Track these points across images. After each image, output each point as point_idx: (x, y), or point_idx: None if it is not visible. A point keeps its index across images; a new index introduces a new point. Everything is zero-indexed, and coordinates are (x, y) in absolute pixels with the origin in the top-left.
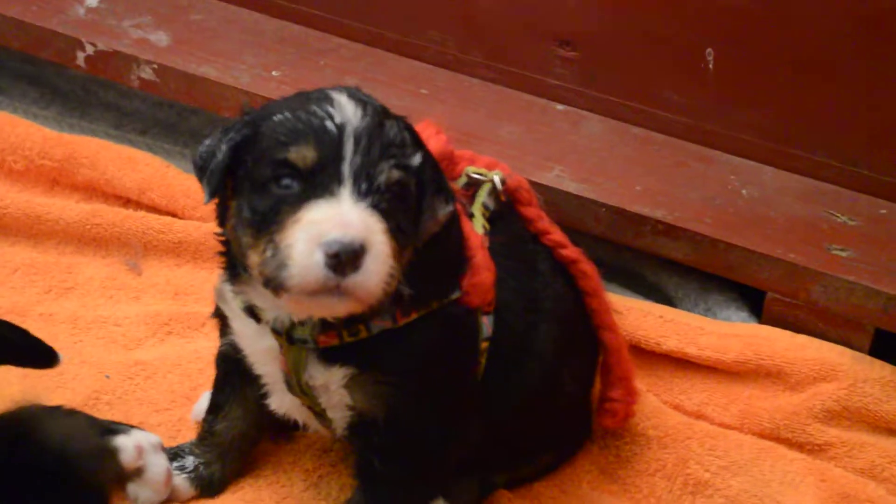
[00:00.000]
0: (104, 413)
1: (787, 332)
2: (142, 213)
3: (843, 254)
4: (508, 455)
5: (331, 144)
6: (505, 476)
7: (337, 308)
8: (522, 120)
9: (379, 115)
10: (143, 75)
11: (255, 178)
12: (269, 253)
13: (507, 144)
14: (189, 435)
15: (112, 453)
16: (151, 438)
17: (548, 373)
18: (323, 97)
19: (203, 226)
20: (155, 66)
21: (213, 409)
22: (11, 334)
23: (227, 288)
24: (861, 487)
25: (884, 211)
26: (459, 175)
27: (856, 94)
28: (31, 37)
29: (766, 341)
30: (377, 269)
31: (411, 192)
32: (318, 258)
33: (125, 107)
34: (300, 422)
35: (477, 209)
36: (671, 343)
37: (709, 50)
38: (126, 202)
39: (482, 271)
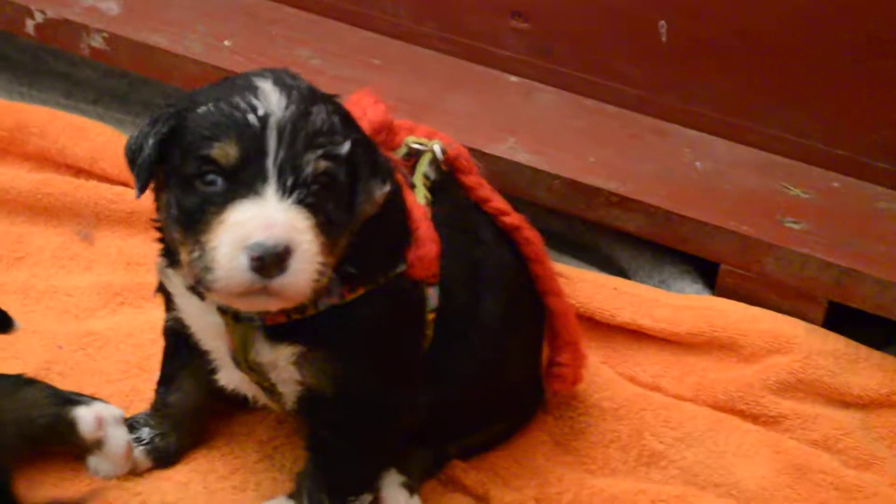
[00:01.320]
0: (56, 383)
1: (741, 305)
2: (93, 183)
3: (797, 226)
4: (460, 425)
5: (253, 139)
6: (457, 446)
7: (267, 305)
8: (475, 91)
9: (305, 102)
10: (94, 44)
11: (181, 173)
12: (196, 254)
13: (459, 116)
14: (142, 406)
15: (71, 424)
16: (113, 410)
17: (494, 342)
18: (247, 85)
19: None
20: (105, 34)
21: (165, 380)
22: None
23: (165, 263)
24: (815, 459)
25: (837, 184)
26: (399, 145)
27: (809, 68)
28: None
29: (720, 313)
30: (304, 268)
31: (340, 180)
32: (243, 261)
33: (76, 76)
34: (249, 396)
35: (418, 179)
36: (625, 315)
37: (661, 22)
38: (77, 172)
39: (427, 243)
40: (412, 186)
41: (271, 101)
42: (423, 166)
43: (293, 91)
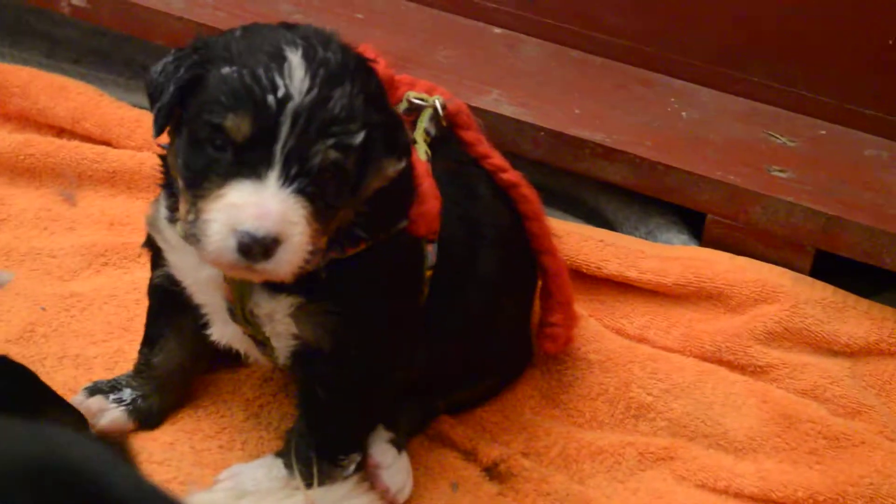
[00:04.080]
0: (40, 345)
1: (728, 255)
2: (75, 143)
3: (783, 175)
4: (450, 380)
5: (267, 120)
6: (446, 401)
7: (252, 277)
8: (459, 44)
9: (330, 84)
10: (75, 2)
11: (193, 129)
12: (191, 216)
13: (444, 68)
14: (126, 367)
15: None
16: None
17: (489, 298)
18: (275, 53)
19: (138, 154)
20: None
21: (148, 341)
22: None
23: (164, 215)
24: (802, 408)
25: (823, 132)
26: (400, 100)
27: (794, 15)
28: None
29: (707, 263)
30: (289, 258)
31: (348, 170)
32: (231, 243)
33: (57, 35)
34: (241, 351)
35: (419, 135)
36: (612, 267)
37: None
38: (59, 132)
39: (429, 199)
40: (413, 142)
41: (294, 80)
42: (424, 122)
43: (321, 68)
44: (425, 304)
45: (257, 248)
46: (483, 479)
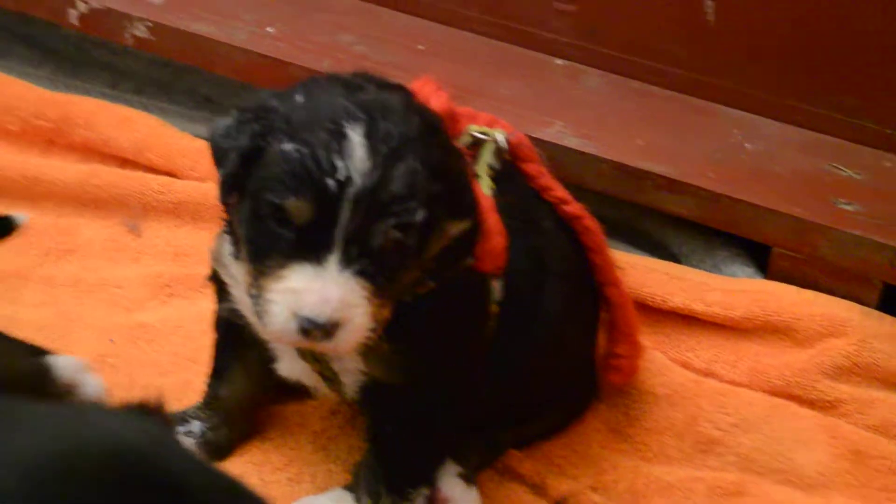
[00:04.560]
0: (109, 375)
1: (794, 288)
2: (140, 174)
3: (850, 207)
4: (515, 414)
5: (328, 205)
6: (511, 435)
7: (315, 349)
8: (521, 75)
9: (392, 159)
10: (138, 33)
11: (255, 202)
12: (253, 290)
13: (505, 100)
14: (194, 398)
15: (46, 371)
16: (76, 359)
17: (554, 332)
18: (336, 130)
19: (202, 185)
20: (149, 23)
21: (216, 374)
22: None
23: (229, 251)
24: (873, 444)
25: (888, 164)
26: (461, 133)
27: (858, 46)
28: None
29: (774, 297)
30: (351, 338)
31: (410, 246)
32: (292, 326)
33: (119, 66)
34: (309, 386)
35: (482, 169)
36: (677, 300)
37: (708, 2)
38: (123, 162)
39: (494, 236)
40: (476, 176)
41: (355, 160)
42: (487, 156)
43: (382, 145)
44: (491, 338)
45: (318, 332)
46: None
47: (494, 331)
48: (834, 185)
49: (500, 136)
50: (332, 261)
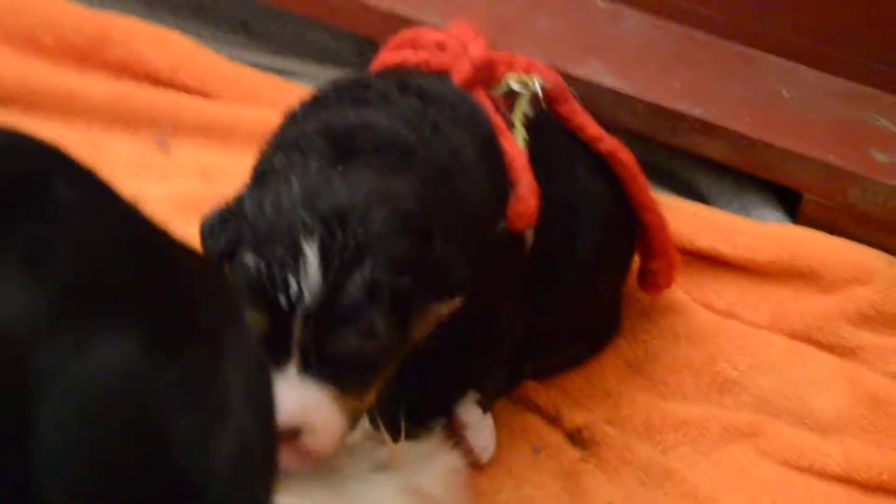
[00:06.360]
0: None
1: (823, 234)
2: (173, 93)
3: (885, 158)
4: (542, 348)
5: (281, 320)
6: (531, 365)
7: None
8: (562, 13)
9: (347, 268)
10: None
11: None
12: None
13: (545, 37)
14: None
15: None
16: None
17: (586, 279)
18: (291, 243)
19: (234, 108)
20: None
21: None
22: None
23: None
24: (892, 392)
25: None
26: (499, 81)
27: None
28: None
29: (801, 242)
30: (317, 442)
31: (373, 352)
32: None
33: None
34: None
35: (518, 119)
36: (704, 241)
37: None
38: (156, 82)
39: (527, 198)
40: (511, 126)
41: (308, 275)
42: (523, 105)
43: (335, 258)
44: (525, 281)
45: (286, 435)
46: (566, 444)
47: (526, 276)
48: (870, 136)
49: (539, 87)
50: (291, 369)
